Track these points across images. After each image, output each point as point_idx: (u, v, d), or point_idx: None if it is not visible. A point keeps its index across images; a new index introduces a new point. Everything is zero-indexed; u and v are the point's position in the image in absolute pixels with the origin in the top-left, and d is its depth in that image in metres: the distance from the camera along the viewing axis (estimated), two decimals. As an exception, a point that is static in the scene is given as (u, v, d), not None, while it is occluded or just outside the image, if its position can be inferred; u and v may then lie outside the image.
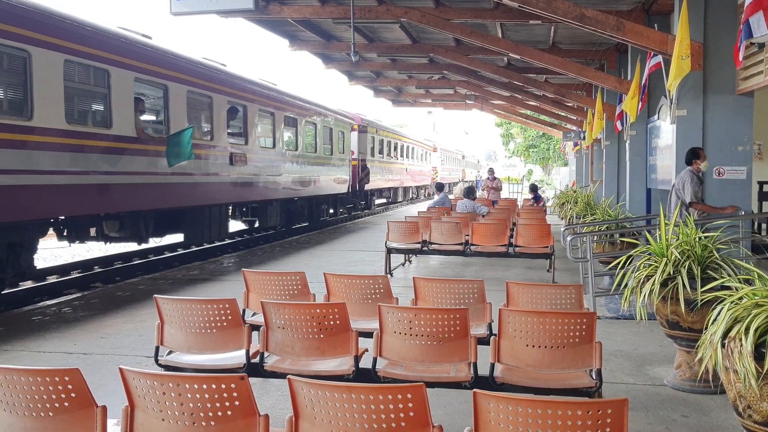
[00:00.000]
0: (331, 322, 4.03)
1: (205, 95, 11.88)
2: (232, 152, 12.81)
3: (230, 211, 14.66)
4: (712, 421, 4.28)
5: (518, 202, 20.67)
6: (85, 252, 16.08)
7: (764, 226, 11.08)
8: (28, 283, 10.32)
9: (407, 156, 32.76)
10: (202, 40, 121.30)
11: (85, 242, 10.89)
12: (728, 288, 3.94)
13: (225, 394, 2.65)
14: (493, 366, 3.82)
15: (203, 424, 2.68)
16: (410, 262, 11.71)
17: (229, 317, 4.19)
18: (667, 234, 4.92)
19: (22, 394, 2.74)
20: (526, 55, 12.79)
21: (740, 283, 3.92)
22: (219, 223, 13.36)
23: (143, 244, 11.80)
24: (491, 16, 12.20)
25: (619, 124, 13.44)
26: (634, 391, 4.85)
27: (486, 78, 19.45)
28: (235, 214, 15.08)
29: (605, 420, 2.33)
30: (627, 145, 12.91)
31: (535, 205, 18.51)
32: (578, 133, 23.49)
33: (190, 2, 8.87)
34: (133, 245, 14.32)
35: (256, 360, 4.11)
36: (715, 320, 3.47)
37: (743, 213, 7.72)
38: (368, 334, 4.20)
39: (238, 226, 17.75)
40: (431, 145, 41.39)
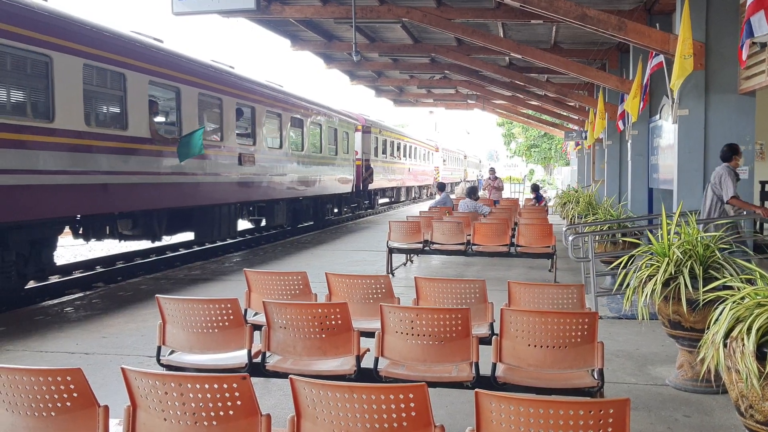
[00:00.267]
0: (333, 322, 4.03)
1: (215, 97, 12.17)
2: (240, 153, 13.09)
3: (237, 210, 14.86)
4: (714, 421, 4.28)
5: (520, 202, 20.66)
6: (87, 252, 16.09)
7: (766, 225, 11.05)
8: (30, 283, 10.35)
9: (410, 156, 32.83)
10: (203, 40, 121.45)
11: (102, 240, 11.20)
12: (730, 288, 3.94)
13: (227, 394, 2.65)
14: (494, 366, 3.82)
15: (205, 423, 2.69)
16: (412, 261, 11.70)
17: (231, 317, 4.19)
18: (668, 234, 4.92)
19: (24, 393, 2.74)
20: (528, 55, 12.79)
21: (742, 282, 3.91)
22: (228, 221, 13.63)
23: (156, 242, 12.15)
24: (493, 16, 12.19)
25: (620, 123, 13.44)
26: (636, 391, 4.85)
27: (487, 78, 19.44)
28: (242, 213, 15.26)
29: (607, 420, 2.33)
30: (629, 144, 12.90)
31: (537, 204, 18.52)
32: (580, 133, 23.48)
33: (191, 2, 8.88)
34: (133, 245, 14.45)
35: (258, 360, 4.11)
36: (717, 320, 3.47)
37: (745, 213, 7.71)
38: (370, 334, 4.20)
39: (244, 225, 17.83)
40: (433, 145, 41.43)
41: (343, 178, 20.78)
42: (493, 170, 23.14)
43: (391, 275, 9.55)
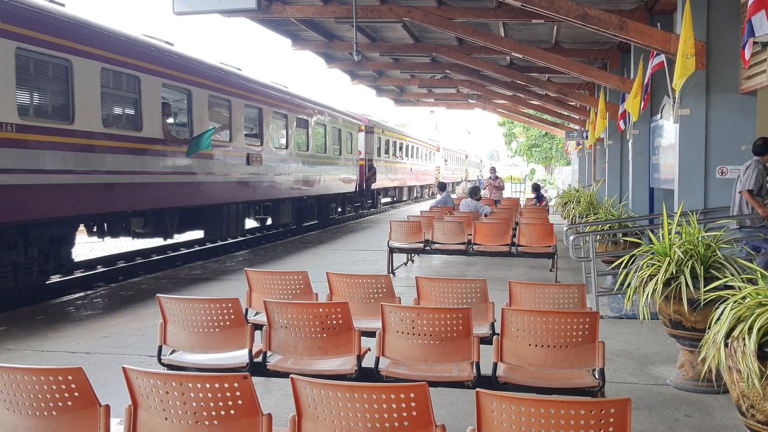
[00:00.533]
0: (334, 322, 4.03)
1: (224, 99, 12.51)
2: (248, 153, 13.42)
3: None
4: (715, 421, 4.28)
5: (521, 202, 20.66)
6: (88, 252, 16.10)
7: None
8: (55, 277, 10.66)
9: (412, 156, 32.96)
10: (202, 40, 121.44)
11: (117, 237, 11.46)
12: (731, 287, 3.94)
13: (228, 394, 2.66)
14: (495, 365, 3.82)
15: (206, 423, 2.69)
16: (413, 261, 11.70)
17: (232, 316, 4.19)
18: (669, 233, 4.92)
19: (25, 393, 2.75)
20: (529, 55, 12.77)
21: (743, 282, 3.91)
22: (236, 220, 13.88)
23: (168, 239, 12.45)
24: (494, 16, 12.17)
25: (621, 123, 13.42)
26: (637, 391, 4.85)
27: (488, 77, 19.42)
28: (248, 212, 15.42)
29: (608, 419, 2.33)
30: (630, 144, 12.89)
31: (538, 204, 18.51)
32: (581, 133, 23.45)
33: (192, 2, 8.87)
34: (134, 245, 14.49)
35: (259, 359, 4.11)
36: (718, 320, 3.47)
37: (746, 212, 7.70)
38: (371, 334, 4.21)
39: (249, 225, 17.93)
40: (435, 144, 41.48)
41: (347, 178, 21.08)
42: (494, 169, 23.16)
43: (392, 275, 9.55)
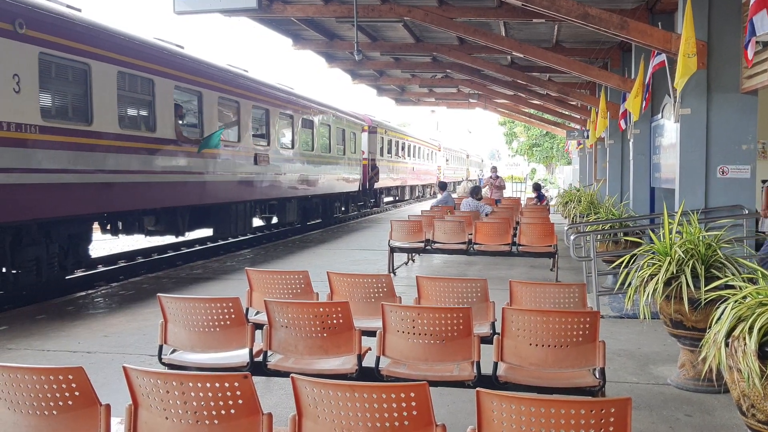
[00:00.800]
0: (334, 321, 4.03)
1: (233, 100, 12.82)
2: (256, 153, 13.68)
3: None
4: (715, 421, 4.28)
5: (521, 201, 20.65)
6: (89, 251, 16.06)
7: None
8: (78, 272, 10.98)
9: (413, 155, 33.10)
10: (203, 40, 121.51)
11: (131, 234, 11.77)
12: (732, 287, 3.93)
13: (228, 393, 2.66)
14: (496, 365, 3.82)
15: (207, 422, 2.69)
16: (413, 261, 11.70)
17: (233, 316, 4.19)
18: (670, 233, 4.91)
19: (26, 392, 2.75)
20: (530, 54, 12.75)
21: (744, 282, 3.91)
22: (244, 218, 14.10)
23: (180, 237, 12.84)
24: (495, 15, 12.16)
25: (622, 122, 13.40)
26: (638, 391, 4.84)
27: (489, 77, 19.40)
28: (255, 211, 15.56)
29: (609, 419, 2.33)
30: (631, 143, 12.88)
31: (539, 204, 18.49)
32: (582, 132, 23.43)
33: (193, 1, 8.87)
34: (133, 245, 14.47)
35: (260, 359, 4.12)
36: (718, 319, 3.47)
37: (747, 212, 7.70)
38: (371, 333, 4.21)
39: (255, 223, 18.03)
40: (436, 144, 41.56)
41: (351, 178, 21.36)
42: (495, 169, 23.16)
43: (392, 274, 9.55)
